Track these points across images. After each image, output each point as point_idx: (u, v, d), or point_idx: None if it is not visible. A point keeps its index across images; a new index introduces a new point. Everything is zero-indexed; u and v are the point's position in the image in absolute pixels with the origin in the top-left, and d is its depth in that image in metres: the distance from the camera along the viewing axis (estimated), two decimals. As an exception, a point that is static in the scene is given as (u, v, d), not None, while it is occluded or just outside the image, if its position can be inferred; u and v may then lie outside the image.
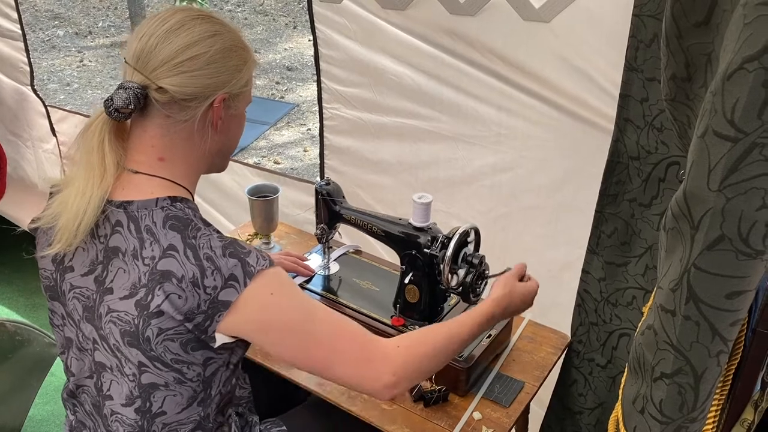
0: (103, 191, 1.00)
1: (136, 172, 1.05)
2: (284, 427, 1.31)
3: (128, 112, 1.00)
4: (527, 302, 1.31)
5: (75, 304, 1.08)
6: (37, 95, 2.67)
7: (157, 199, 1.03)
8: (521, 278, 1.33)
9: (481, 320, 1.19)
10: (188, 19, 1.02)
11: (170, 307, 0.96)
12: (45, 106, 2.68)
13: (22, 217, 2.99)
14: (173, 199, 1.04)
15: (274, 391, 1.49)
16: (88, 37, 7.16)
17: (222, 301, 0.96)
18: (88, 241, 1.05)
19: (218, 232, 1.03)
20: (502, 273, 1.32)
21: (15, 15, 2.49)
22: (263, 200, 1.76)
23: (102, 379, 1.08)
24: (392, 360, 1.05)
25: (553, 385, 1.63)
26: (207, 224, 1.04)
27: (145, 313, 0.97)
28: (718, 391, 0.88)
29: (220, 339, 1.00)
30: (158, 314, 0.96)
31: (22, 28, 2.53)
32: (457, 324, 1.17)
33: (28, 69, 2.61)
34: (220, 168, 1.19)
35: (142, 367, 1.01)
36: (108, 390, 1.08)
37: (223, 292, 0.96)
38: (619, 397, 0.98)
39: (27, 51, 2.58)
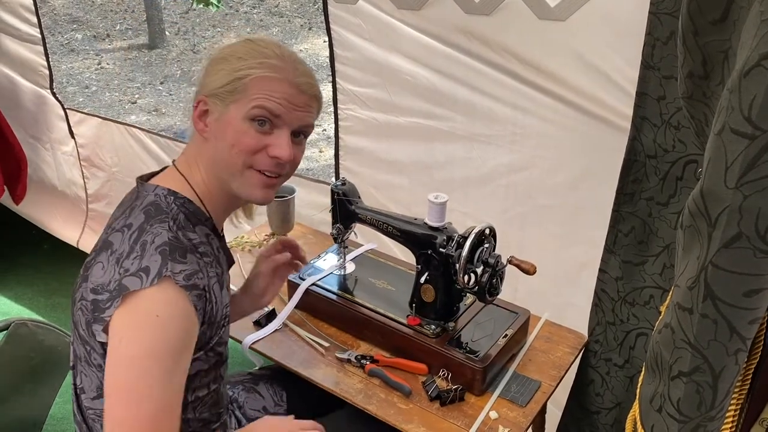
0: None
1: (173, 164, 1.13)
2: None
3: None
4: None
5: None
6: (56, 98, 2.70)
7: (156, 186, 1.07)
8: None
9: None
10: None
11: (94, 275, 0.98)
12: (64, 109, 2.71)
13: (42, 218, 3.03)
14: (171, 193, 1.07)
15: (309, 400, 1.49)
16: (106, 40, 7.23)
17: (123, 286, 0.95)
18: (118, 208, 1.12)
19: (188, 240, 1.02)
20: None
21: (34, 19, 2.53)
22: (280, 200, 1.78)
23: (77, 371, 1.09)
24: None
25: (570, 385, 1.62)
26: (183, 226, 1.03)
27: (84, 274, 1.01)
28: (736, 389, 0.87)
29: (101, 337, 0.97)
30: (86, 279, 0.99)
31: (42, 32, 2.57)
32: None
33: (47, 72, 2.64)
34: (240, 191, 1.10)
35: (104, 357, 0.99)
36: (81, 383, 1.08)
37: (128, 278, 0.95)
38: (637, 396, 0.97)
39: (46, 54, 2.61)
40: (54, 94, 2.70)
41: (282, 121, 1.07)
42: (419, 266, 1.43)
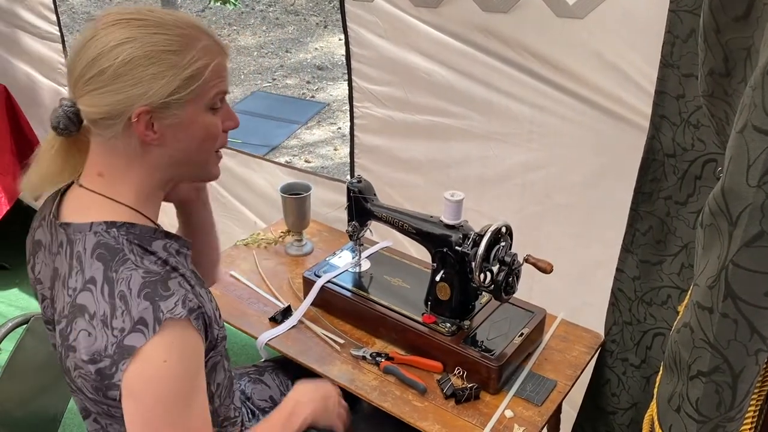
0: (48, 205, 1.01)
1: (81, 186, 1.00)
2: None
3: (63, 131, 0.97)
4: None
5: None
6: (75, 95, 2.73)
7: (92, 223, 0.96)
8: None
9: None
10: (103, 26, 0.93)
11: (81, 344, 0.90)
12: (82, 106, 2.73)
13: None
14: (110, 225, 0.96)
15: None
16: (123, 38, 7.28)
17: (127, 347, 0.88)
18: (47, 257, 1.03)
19: (157, 264, 0.95)
20: None
21: (53, 17, 2.55)
22: (296, 198, 1.78)
23: (90, 420, 1.06)
24: None
25: (586, 385, 1.62)
26: (143, 254, 0.95)
27: (65, 344, 0.93)
28: (756, 390, 0.86)
29: (113, 395, 0.92)
30: (73, 349, 0.91)
31: (61, 30, 2.59)
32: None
33: (65, 70, 2.66)
34: (199, 177, 1.08)
35: (73, 393, 0.98)
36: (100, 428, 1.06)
37: (129, 336, 0.88)
38: (654, 396, 0.97)
39: (65, 52, 2.64)
40: (72, 92, 2.72)
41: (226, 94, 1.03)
42: (435, 264, 1.43)
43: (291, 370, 1.50)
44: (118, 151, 0.97)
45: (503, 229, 1.35)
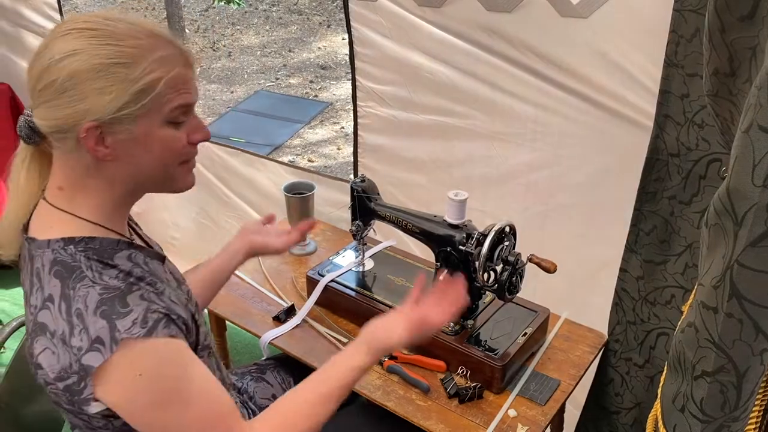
0: (19, 217, 0.99)
1: (44, 199, 0.98)
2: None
3: (27, 140, 0.96)
4: (412, 332, 1.11)
5: None
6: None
7: (49, 241, 0.94)
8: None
9: (350, 372, 1.07)
10: (56, 35, 0.90)
11: (46, 362, 0.89)
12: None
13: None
14: (67, 242, 0.94)
15: None
16: (127, 38, 7.29)
17: (85, 366, 0.86)
18: (23, 272, 1.01)
19: (118, 278, 0.92)
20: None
21: (58, 17, 2.55)
22: (299, 197, 1.78)
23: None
24: None
25: (589, 385, 1.62)
26: (102, 269, 0.93)
27: (33, 362, 0.92)
28: (761, 390, 0.86)
29: (98, 407, 0.91)
30: (39, 366, 0.90)
31: (65, 30, 2.60)
32: (326, 383, 1.06)
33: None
34: (165, 190, 1.02)
35: (107, 419, 0.96)
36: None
37: (87, 356, 0.86)
38: (658, 396, 0.97)
39: (69, 51, 2.64)
40: (76, 91, 2.73)
41: (193, 106, 0.97)
42: (438, 263, 1.43)
43: (293, 368, 1.50)
44: (74, 165, 0.94)
45: (507, 229, 1.35)
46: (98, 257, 0.94)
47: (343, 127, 5.12)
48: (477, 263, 1.33)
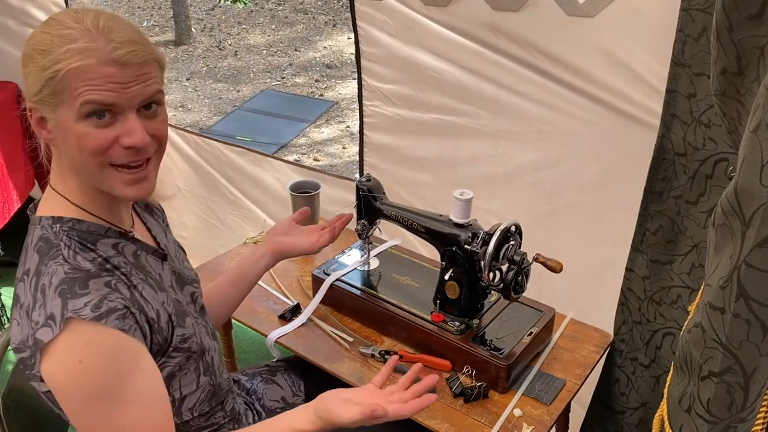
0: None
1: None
2: None
3: None
4: (366, 418, 1.04)
5: None
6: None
7: (41, 217, 0.97)
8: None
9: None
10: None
11: (13, 334, 0.92)
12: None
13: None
14: (56, 220, 0.97)
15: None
16: (133, 36, 7.31)
17: (37, 339, 0.88)
18: None
19: (93, 262, 0.94)
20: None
21: (65, 15, 2.56)
22: (305, 196, 1.79)
23: None
24: None
25: (595, 384, 1.61)
26: (80, 250, 0.95)
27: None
28: (768, 391, 0.86)
29: (44, 387, 0.91)
30: (10, 340, 0.93)
31: (72, 28, 2.60)
32: None
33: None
34: (105, 189, 0.97)
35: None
36: None
37: (40, 330, 0.88)
38: (664, 396, 0.96)
39: (76, 50, 2.65)
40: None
41: (120, 107, 0.91)
42: (444, 263, 1.43)
43: (304, 370, 1.51)
44: (53, 147, 0.99)
45: (512, 228, 1.35)
46: (80, 239, 0.96)
47: (348, 126, 5.13)
48: (482, 262, 1.33)
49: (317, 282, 1.61)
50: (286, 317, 1.56)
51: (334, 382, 1.41)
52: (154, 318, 0.98)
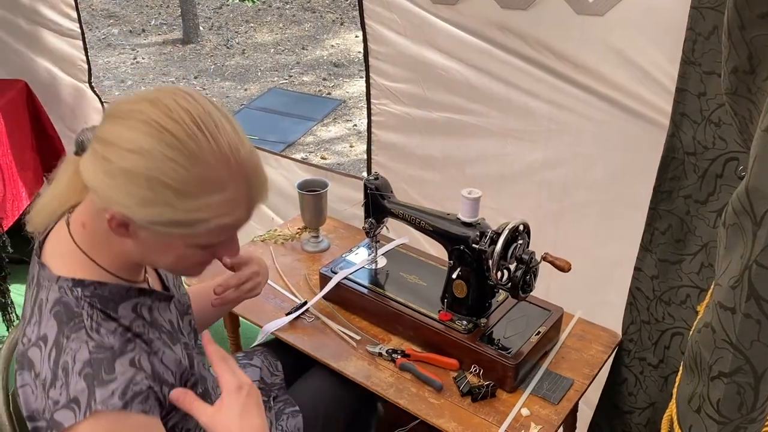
0: (53, 207, 0.95)
1: (67, 224, 0.94)
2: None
3: (77, 154, 0.90)
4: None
5: None
6: (94, 92, 2.75)
7: (59, 277, 0.90)
8: None
9: None
10: (139, 113, 0.82)
11: (23, 397, 0.88)
12: (101, 103, 2.76)
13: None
14: (77, 283, 0.91)
15: (303, 369, 1.51)
16: (142, 35, 7.34)
17: (57, 422, 0.84)
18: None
19: (115, 335, 0.90)
20: None
21: (74, 14, 2.57)
22: (313, 194, 1.79)
23: None
24: None
25: (603, 384, 1.61)
26: (102, 320, 0.90)
27: (15, 387, 0.90)
28: (778, 392, 0.85)
29: None
30: (18, 395, 0.89)
31: (81, 27, 2.61)
32: None
33: (86, 66, 2.69)
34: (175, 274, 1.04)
35: None
36: None
37: (60, 412, 0.84)
38: (673, 396, 0.96)
39: (85, 49, 2.66)
40: (92, 88, 2.75)
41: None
42: (451, 262, 1.43)
43: (281, 352, 1.51)
44: (99, 215, 0.88)
45: (521, 227, 1.35)
46: (102, 306, 0.91)
47: (355, 125, 5.12)
48: (491, 261, 1.32)
49: (325, 280, 1.61)
50: (291, 313, 1.56)
51: (311, 362, 1.44)
52: (173, 383, 0.96)
